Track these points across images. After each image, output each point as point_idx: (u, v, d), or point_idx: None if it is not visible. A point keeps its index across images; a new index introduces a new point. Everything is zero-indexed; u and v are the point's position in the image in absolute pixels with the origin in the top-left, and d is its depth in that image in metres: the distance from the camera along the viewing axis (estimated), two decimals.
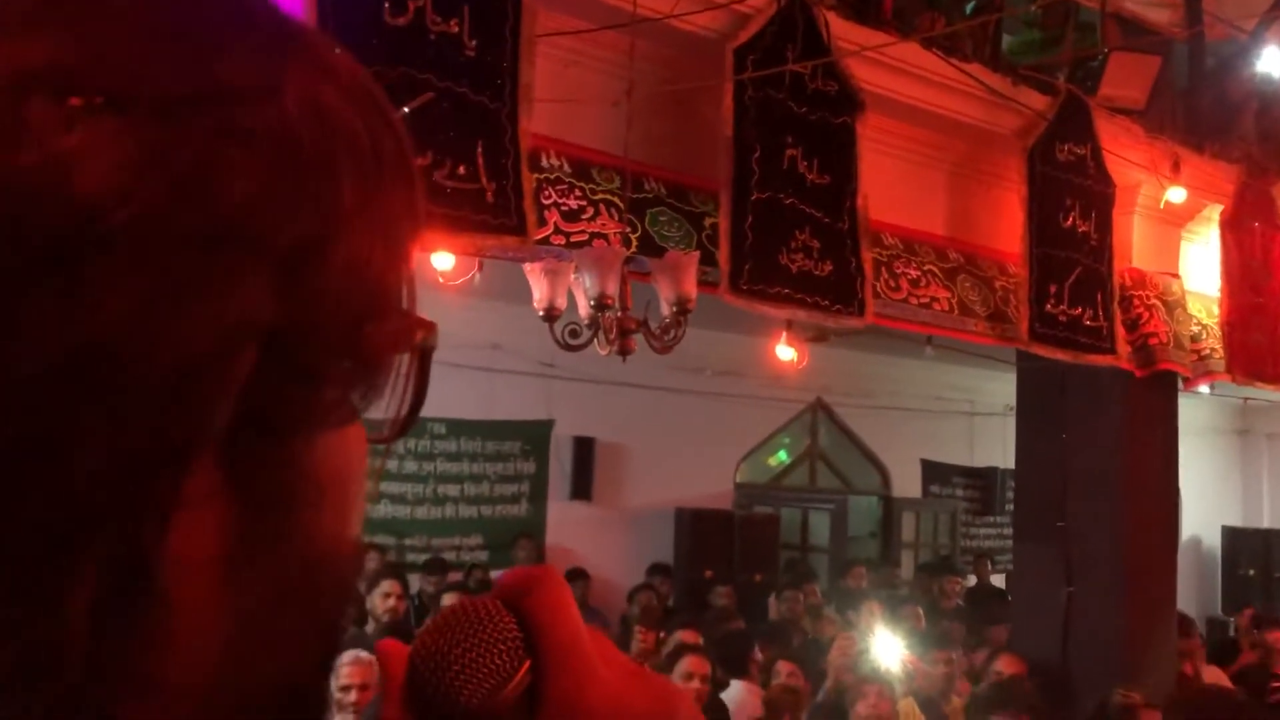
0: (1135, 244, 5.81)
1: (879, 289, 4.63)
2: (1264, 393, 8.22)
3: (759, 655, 5.73)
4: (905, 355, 9.48)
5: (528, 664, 0.45)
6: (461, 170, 3.38)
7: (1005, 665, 5.35)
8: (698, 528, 9.49)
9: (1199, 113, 5.98)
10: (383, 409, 0.47)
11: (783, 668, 5.53)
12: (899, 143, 5.05)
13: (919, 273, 4.95)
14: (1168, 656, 6.01)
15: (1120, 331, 5.56)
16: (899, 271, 4.87)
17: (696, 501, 9.72)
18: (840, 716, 5.03)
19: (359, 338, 0.42)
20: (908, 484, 11.42)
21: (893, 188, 4.92)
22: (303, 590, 0.42)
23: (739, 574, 8.99)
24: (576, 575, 8.52)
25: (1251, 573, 12.49)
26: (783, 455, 11.12)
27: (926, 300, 4.94)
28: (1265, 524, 13.35)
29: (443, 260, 3.82)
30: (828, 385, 10.41)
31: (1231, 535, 12.96)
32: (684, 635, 5.43)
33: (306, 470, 0.41)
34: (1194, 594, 12.39)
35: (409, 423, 0.49)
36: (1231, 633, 9.20)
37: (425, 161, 3.30)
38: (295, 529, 0.41)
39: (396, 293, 0.45)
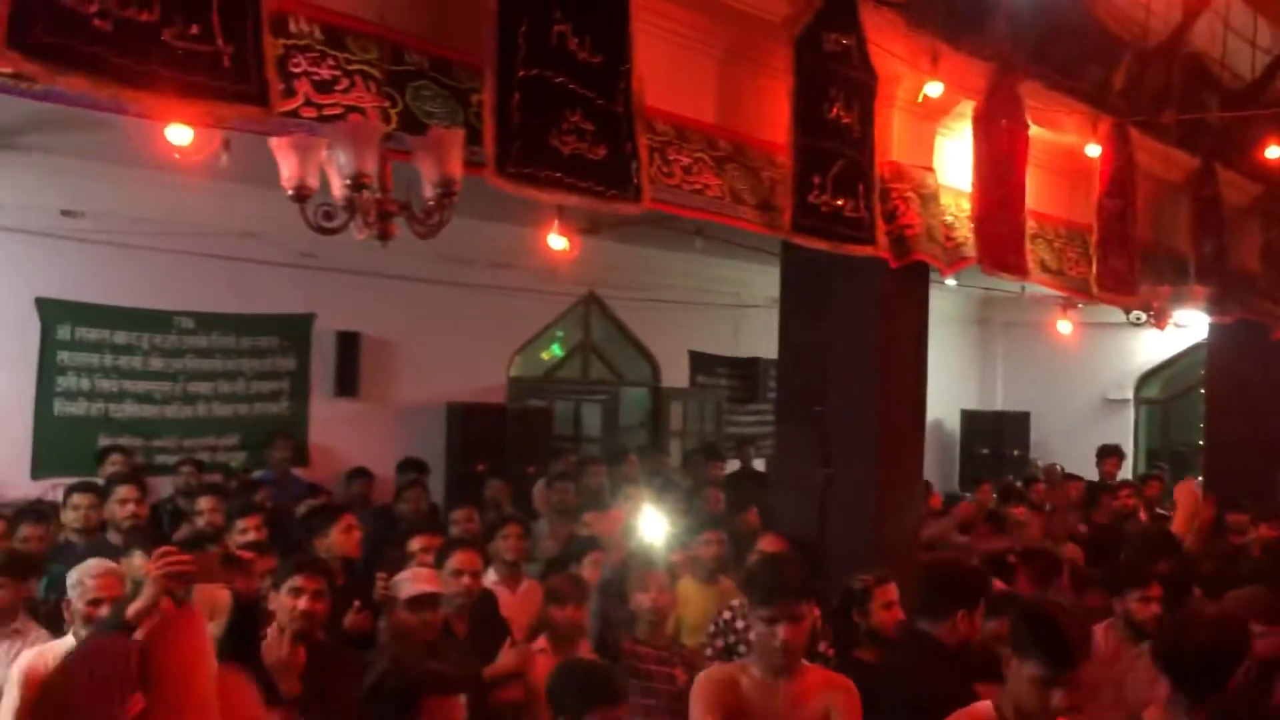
0: (894, 137, 5.97)
1: (653, 174, 4.56)
2: (1003, 284, 8.80)
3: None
4: (675, 249, 9.58)
5: (138, 698, 0.41)
6: (195, 30, 3.03)
7: (766, 544, 5.56)
8: (469, 422, 9.41)
9: (955, 8, 6.16)
10: None
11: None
12: (671, 26, 4.94)
13: (690, 159, 4.90)
14: (914, 527, 6.42)
15: (879, 223, 5.74)
16: (671, 158, 4.81)
17: (469, 396, 9.60)
18: (623, 597, 5.10)
19: None
20: (676, 374, 11.69)
21: (665, 73, 4.82)
22: None
23: (512, 467, 8.97)
24: (358, 474, 8.28)
25: (985, 451, 13.58)
26: (556, 349, 11.12)
27: (699, 187, 4.92)
28: (998, 406, 14.50)
29: (179, 134, 3.46)
30: (600, 278, 10.43)
31: (969, 418, 14.02)
32: (421, 540, 5.32)
33: None
34: (936, 472, 13.35)
35: None
36: None
37: (152, 18, 2.94)
38: None
39: None
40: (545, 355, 11.03)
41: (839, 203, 5.49)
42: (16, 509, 6.02)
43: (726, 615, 5.10)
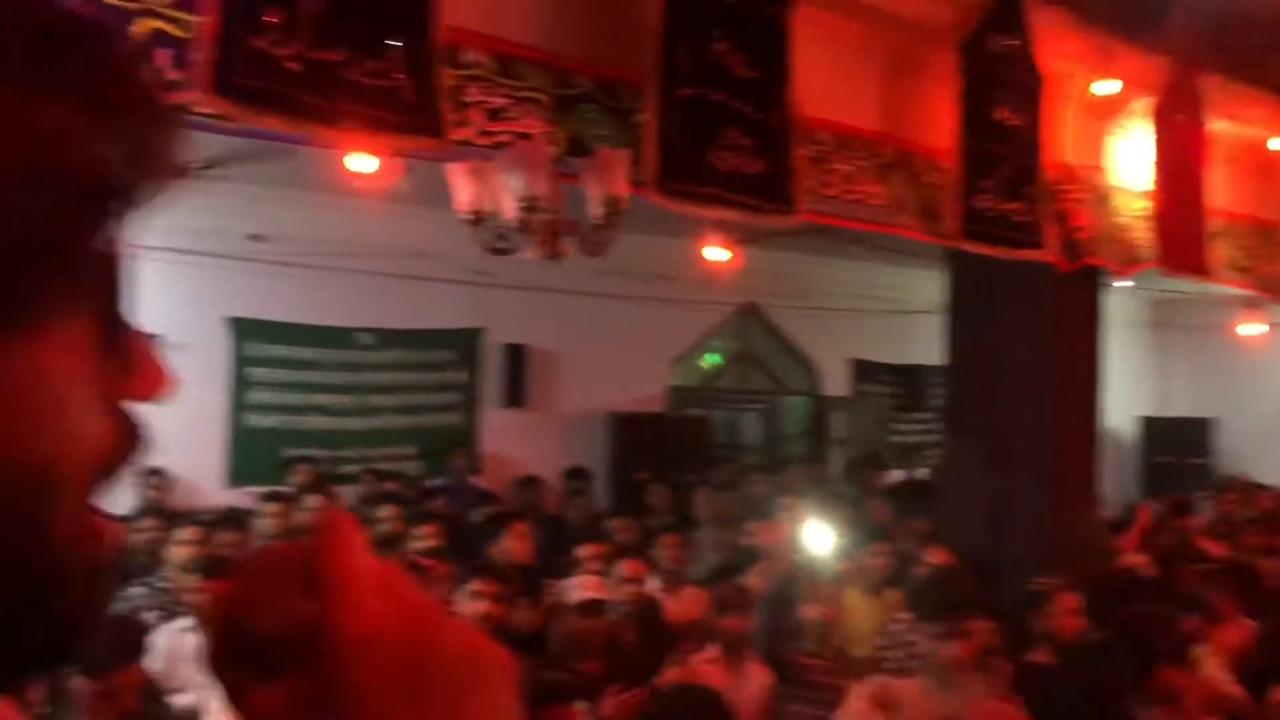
0: (1065, 137, 5.79)
1: (811, 185, 4.56)
2: (1181, 285, 8.39)
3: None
4: (834, 256, 9.50)
5: (310, 601, 0.50)
6: (376, 66, 3.22)
7: (934, 557, 5.47)
8: (631, 431, 9.53)
9: (1129, 4, 5.94)
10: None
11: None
12: (831, 36, 4.93)
13: (852, 168, 4.88)
14: (1090, 540, 6.19)
15: (1048, 226, 5.58)
16: (831, 168, 4.80)
17: (630, 405, 9.73)
18: (789, 607, 5.09)
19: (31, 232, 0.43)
20: (837, 383, 11.56)
21: (824, 82, 4.81)
22: None
23: (672, 476, 9.05)
24: (528, 482, 8.46)
25: (1167, 460, 12.94)
26: (715, 357, 11.16)
27: (859, 197, 4.89)
28: (1179, 413, 13.79)
29: (362, 162, 3.66)
30: (759, 287, 10.41)
31: (1147, 424, 13.37)
32: (588, 548, 5.41)
33: None
34: (1112, 480, 12.80)
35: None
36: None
37: (339, 57, 3.13)
38: None
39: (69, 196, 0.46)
40: (704, 364, 11.09)
41: (1006, 207, 5.37)
42: (215, 516, 6.40)
43: (897, 628, 5.04)
